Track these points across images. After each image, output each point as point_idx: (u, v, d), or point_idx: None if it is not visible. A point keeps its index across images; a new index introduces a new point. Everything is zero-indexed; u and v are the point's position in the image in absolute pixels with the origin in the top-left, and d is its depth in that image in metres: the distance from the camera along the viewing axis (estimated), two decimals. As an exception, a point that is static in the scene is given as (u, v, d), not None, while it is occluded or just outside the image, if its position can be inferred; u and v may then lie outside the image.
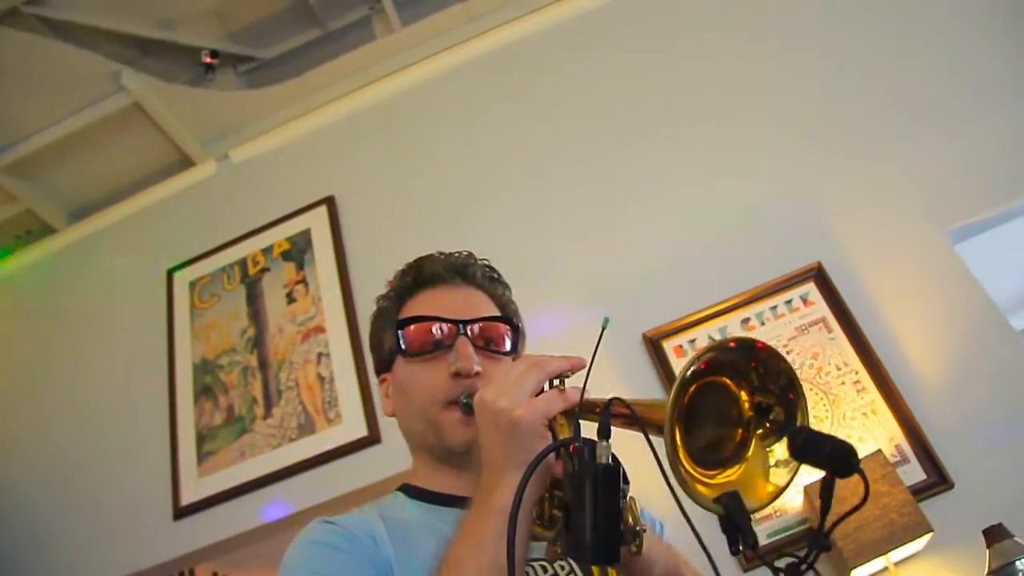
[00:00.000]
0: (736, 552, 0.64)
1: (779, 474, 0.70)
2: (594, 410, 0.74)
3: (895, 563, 1.73)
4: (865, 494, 0.59)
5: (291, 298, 2.71)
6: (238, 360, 2.65)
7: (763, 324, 2.17)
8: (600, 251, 2.44)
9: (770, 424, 0.71)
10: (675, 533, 1.00)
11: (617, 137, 2.63)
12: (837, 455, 0.60)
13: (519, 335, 1.06)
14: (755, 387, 0.71)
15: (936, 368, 2.01)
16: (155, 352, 2.74)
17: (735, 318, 2.19)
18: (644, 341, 2.22)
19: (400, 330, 1.02)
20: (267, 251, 2.83)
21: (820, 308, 2.14)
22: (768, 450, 0.70)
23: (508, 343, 1.03)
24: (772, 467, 0.70)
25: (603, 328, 0.76)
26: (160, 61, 2.88)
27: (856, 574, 1.70)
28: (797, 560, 0.63)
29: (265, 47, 3.00)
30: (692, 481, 0.66)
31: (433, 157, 2.83)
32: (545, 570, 0.92)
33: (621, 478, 0.69)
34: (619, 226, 2.47)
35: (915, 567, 1.79)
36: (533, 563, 0.91)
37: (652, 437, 0.69)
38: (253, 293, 2.77)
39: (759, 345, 0.69)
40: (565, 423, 0.80)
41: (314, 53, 3.00)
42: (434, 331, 1.00)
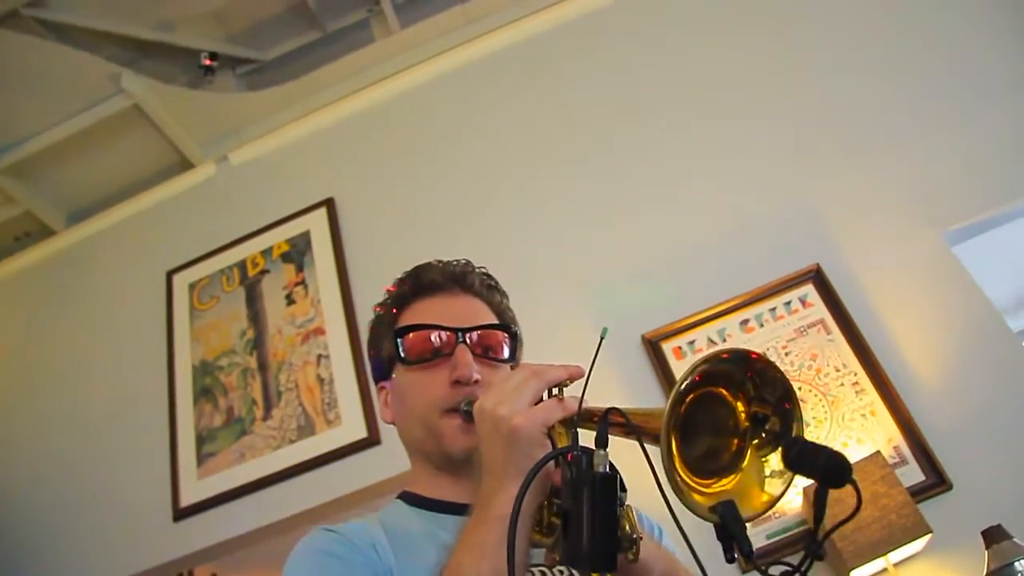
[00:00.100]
0: (731, 560, 0.65)
1: (774, 484, 0.70)
2: (592, 419, 0.75)
3: (894, 564, 1.73)
4: (857, 504, 0.60)
5: (290, 300, 2.71)
6: (238, 362, 2.65)
7: (762, 326, 2.17)
8: (600, 253, 2.45)
9: (766, 434, 0.71)
10: (672, 540, 1.01)
11: (616, 139, 2.64)
12: (830, 467, 0.60)
13: (517, 342, 1.06)
14: (751, 397, 0.71)
15: (935, 369, 2.01)
16: (155, 354, 2.74)
17: (734, 320, 2.20)
18: (643, 343, 2.22)
19: (399, 338, 1.02)
20: (266, 253, 2.84)
21: (819, 310, 2.14)
22: (764, 460, 0.71)
23: (506, 350, 1.04)
24: (768, 477, 0.70)
25: (601, 338, 0.76)
26: (159, 63, 2.88)
27: (855, 575, 1.70)
28: (791, 568, 0.63)
29: (264, 49, 3.00)
30: (688, 490, 0.67)
31: (432, 159, 2.83)
32: (544, 575, 0.92)
33: (618, 486, 0.70)
34: (619, 228, 2.47)
35: (914, 568, 1.80)
36: (532, 568, 0.91)
37: (649, 446, 0.70)
38: (253, 295, 2.77)
39: (754, 355, 0.70)
40: (563, 432, 0.81)
41: (313, 55, 3.00)
42: (433, 339, 1.01)
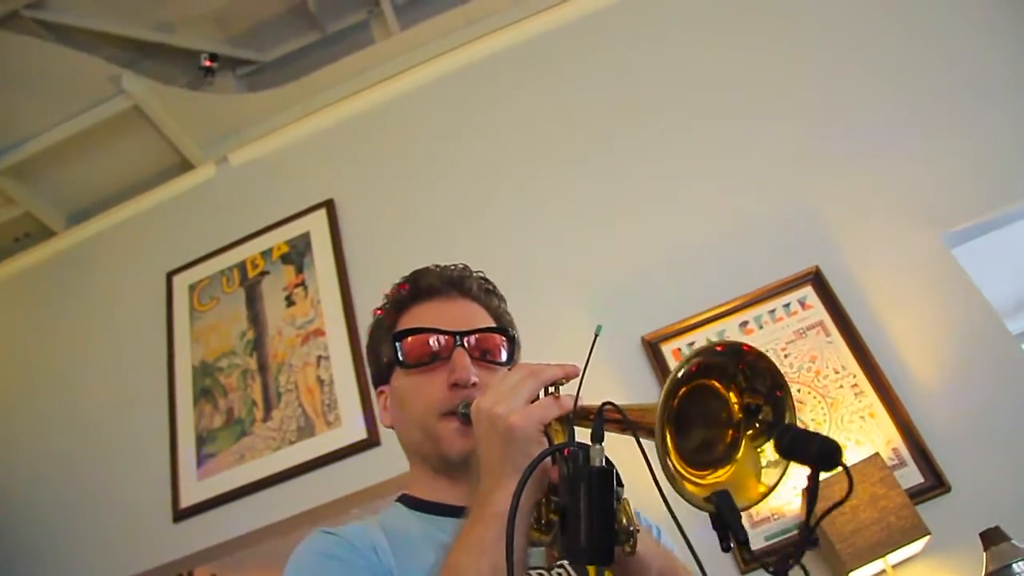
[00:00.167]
0: (727, 548, 0.66)
1: (771, 474, 0.71)
2: (588, 417, 0.76)
3: (893, 566, 1.73)
4: (849, 487, 0.60)
5: (290, 301, 2.71)
6: (237, 363, 2.65)
7: (761, 327, 2.17)
8: (599, 254, 2.45)
9: (760, 424, 0.72)
10: (669, 533, 1.01)
11: (617, 140, 2.64)
12: (821, 451, 0.61)
13: (515, 346, 1.07)
14: (743, 389, 0.72)
15: (933, 372, 2.01)
16: (155, 355, 2.74)
17: (733, 321, 2.20)
18: (643, 344, 2.22)
19: (397, 342, 1.03)
20: (266, 254, 2.84)
21: (818, 312, 2.14)
22: (759, 450, 0.72)
23: (504, 354, 1.04)
24: (764, 467, 0.71)
25: (595, 336, 0.77)
26: (159, 64, 2.88)
27: (854, 577, 1.71)
28: (785, 553, 0.64)
29: (264, 50, 3.00)
30: (681, 480, 0.68)
31: (432, 160, 2.83)
32: (541, 577, 0.92)
33: (614, 480, 0.70)
34: (618, 229, 2.47)
35: (913, 570, 1.80)
36: (531, 571, 0.91)
37: (644, 441, 0.70)
38: (252, 296, 2.78)
39: (746, 348, 0.71)
40: (560, 429, 0.81)
41: (313, 56, 3.00)
42: (431, 343, 1.01)
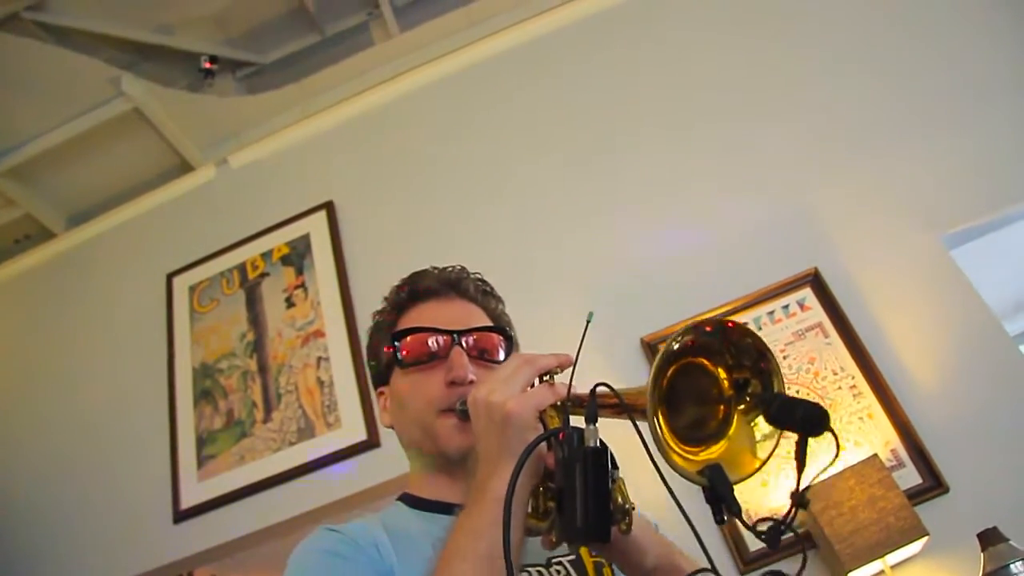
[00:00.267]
0: (720, 521, 0.67)
1: (766, 447, 0.72)
2: (583, 403, 0.77)
3: (891, 567, 1.74)
4: (836, 452, 0.63)
5: (290, 302, 2.71)
6: (238, 364, 2.65)
7: (760, 329, 2.17)
8: (599, 255, 2.45)
9: (750, 398, 0.73)
10: (665, 518, 1.00)
11: (617, 142, 2.64)
12: (806, 415, 0.63)
13: (512, 345, 1.08)
14: (731, 365, 0.73)
15: (932, 373, 2.02)
16: (155, 356, 2.75)
17: (732, 323, 2.20)
18: (642, 345, 2.23)
19: (396, 342, 1.04)
20: (266, 256, 2.84)
21: (817, 313, 2.15)
22: (752, 424, 0.73)
23: (502, 353, 1.05)
24: (759, 441, 0.72)
25: (587, 322, 0.78)
26: (159, 66, 2.89)
27: (852, 577, 1.71)
28: (776, 522, 0.65)
29: (264, 52, 3.01)
30: (673, 454, 0.69)
31: (432, 161, 2.84)
32: (541, 575, 0.93)
33: (609, 460, 0.71)
34: (618, 230, 2.48)
35: (911, 570, 1.80)
36: (529, 568, 0.92)
37: (638, 422, 0.71)
38: (252, 297, 2.78)
39: (730, 325, 0.72)
40: (555, 416, 0.82)
41: (313, 58, 3.01)
42: (430, 342, 1.02)
